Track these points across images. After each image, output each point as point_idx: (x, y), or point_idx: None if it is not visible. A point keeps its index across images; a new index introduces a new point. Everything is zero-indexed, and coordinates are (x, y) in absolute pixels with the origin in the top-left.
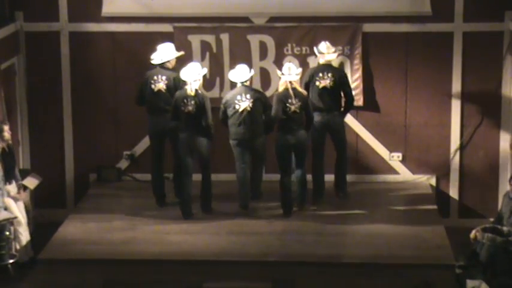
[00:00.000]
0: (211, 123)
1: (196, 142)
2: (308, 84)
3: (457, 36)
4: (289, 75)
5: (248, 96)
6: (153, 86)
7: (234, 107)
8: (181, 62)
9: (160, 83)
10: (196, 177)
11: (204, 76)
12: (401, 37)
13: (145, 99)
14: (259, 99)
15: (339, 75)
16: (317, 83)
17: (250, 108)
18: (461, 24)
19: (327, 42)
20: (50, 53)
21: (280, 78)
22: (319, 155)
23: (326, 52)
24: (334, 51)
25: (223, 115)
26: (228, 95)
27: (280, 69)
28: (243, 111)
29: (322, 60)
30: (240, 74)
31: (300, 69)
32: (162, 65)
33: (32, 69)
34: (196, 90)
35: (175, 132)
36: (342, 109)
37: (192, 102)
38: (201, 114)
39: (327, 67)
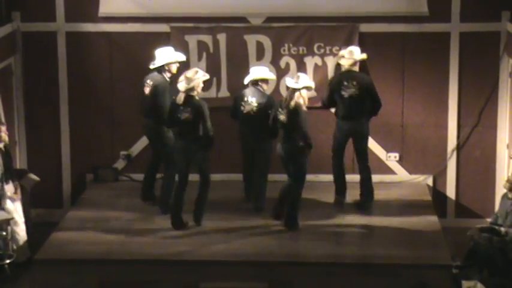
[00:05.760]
0: (210, 133)
1: (192, 152)
2: (333, 93)
3: (454, 37)
4: (296, 83)
5: (254, 99)
6: None
7: (240, 107)
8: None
9: None
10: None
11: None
12: (398, 37)
13: None
14: (264, 104)
15: (365, 83)
16: (342, 92)
17: (254, 112)
18: (458, 25)
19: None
20: (47, 53)
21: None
22: (338, 157)
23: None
24: (348, 57)
25: (232, 110)
26: (241, 92)
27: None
28: (247, 113)
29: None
30: (254, 73)
31: (302, 79)
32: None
33: (29, 70)
34: (190, 97)
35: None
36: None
37: (188, 109)
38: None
39: (351, 74)
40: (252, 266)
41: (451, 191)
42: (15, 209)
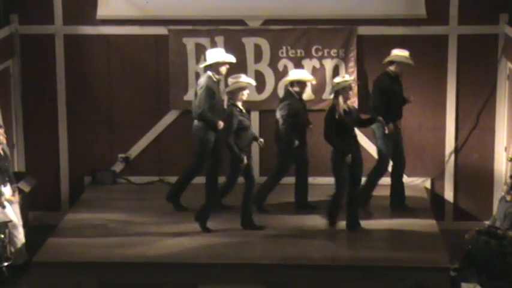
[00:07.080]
0: (230, 143)
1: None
2: None
3: (452, 39)
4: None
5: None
6: None
7: None
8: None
9: None
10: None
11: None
12: (396, 40)
13: None
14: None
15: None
16: None
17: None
18: (456, 27)
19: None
20: (45, 55)
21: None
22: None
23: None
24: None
25: None
26: None
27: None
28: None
29: None
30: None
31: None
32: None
33: (27, 72)
34: (229, 103)
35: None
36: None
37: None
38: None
39: None
40: (251, 268)
41: (449, 194)
42: (13, 211)
